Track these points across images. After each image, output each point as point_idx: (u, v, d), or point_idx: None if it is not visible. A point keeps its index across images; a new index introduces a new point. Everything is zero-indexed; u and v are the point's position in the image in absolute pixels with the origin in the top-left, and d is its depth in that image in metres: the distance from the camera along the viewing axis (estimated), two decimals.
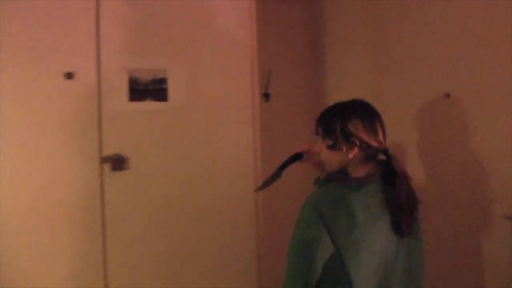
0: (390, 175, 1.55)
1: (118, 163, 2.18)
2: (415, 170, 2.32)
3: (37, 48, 2.13)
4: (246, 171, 2.40)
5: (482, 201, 2.05)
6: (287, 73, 2.99)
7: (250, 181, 2.44)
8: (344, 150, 1.59)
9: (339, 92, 2.89)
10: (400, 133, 2.39)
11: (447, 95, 2.19)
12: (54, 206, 2.14)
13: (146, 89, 2.24)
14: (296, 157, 1.84)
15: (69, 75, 2.16)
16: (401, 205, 1.56)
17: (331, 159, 1.62)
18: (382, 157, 1.59)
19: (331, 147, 1.61)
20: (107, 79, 2.20)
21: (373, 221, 1.53)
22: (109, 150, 2.19)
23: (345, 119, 1.58)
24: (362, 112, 1.61)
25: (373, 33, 2.60)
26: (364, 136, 1.57)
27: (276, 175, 1.85)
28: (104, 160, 2.18)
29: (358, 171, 1.61)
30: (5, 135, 2.08)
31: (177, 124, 2.33)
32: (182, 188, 2.35)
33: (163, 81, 2.26)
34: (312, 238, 1.49)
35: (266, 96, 2.88)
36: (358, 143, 1.57)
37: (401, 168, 1.57)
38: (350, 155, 1.58)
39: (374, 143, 1.57)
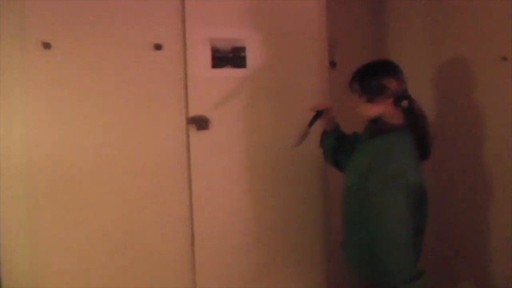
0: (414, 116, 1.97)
1: (201, 123, 2.47)
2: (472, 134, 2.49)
3: (130, 23, 2.42)
4: (317, 131, 2.62)
5: None
6: (353, 42, 3.17)
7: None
8: (380, 102, 1.95)
9: (400, 58, 3.05)
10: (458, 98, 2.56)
11: (504, 59, 2.33)
12: (147, 161, 2.45)
13: (227, 57, 2.50)
14: (319, 114, 2.17)
15: (158, 46, 2.45)
16: (427, 145, 1.97)
17: (369, 110, 1.92)
18: None
19: (369, 100, 1.94)
20: (191, 49, 2.47)
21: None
22: (194, 112, 2.47)
23: (380, 75, 1.96)
24: (392, 69, 2.00)
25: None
26: (396, 89, 1.94)
27: (306, 132, 2.17)
28: (190, 120, 2.47)
29: (394, 118, 2.00)
30: (102, 100, 2.39)
31: (254, 88, 2.57)
32: (258, 147, 2.60)
33: (242, 49, 2.51)
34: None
35: (333, 64, 3.08)
36: (392, 95, 1.95)
37: (422, 111, 1.98)
38: (385, 106, 1.98)
39: (403, 93, 1.97)
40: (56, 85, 2.35)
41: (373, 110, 2.02)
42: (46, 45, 2.34)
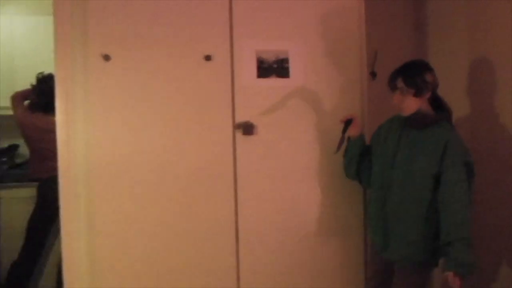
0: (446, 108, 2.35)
1: (247, 129, 2.64)
2: None
3: (182, 36, 2.63)
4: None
5: None
6: (392, 53, 3.29)
7: None
8: (423, 96, 2.27)
9: (440, 70, 3.15)
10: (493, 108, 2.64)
11: None
12: (197, 163, 2.64)
13: (271, 67, 2.66)
14: (348, 122, 2.49)
15: (208, 57, 2.64)
16: None
17: (414, 105, 2.28)
18: None
19: (415, 95, 2.25)
20: (238, 60, 2.66)
21: None
22: (240, 118, 2.65)
23: (422, 71, 2.27)
24: (429, 66, 2.33)
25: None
26: (433, 84, 2.28)
27: (342, 139, 2.57)
28: (236, 126, 2.64)
29: (430, 110, 2.31)
30: (156, 107, 2.60)
31: (296, 97, 2.73)
32: (301, 151, 2.76)
33: (285, 60, 2.67)
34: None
35: (373, 74, 3.21)
36: (430, 89, 2.27)
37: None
38: (424, 100, 2.30)
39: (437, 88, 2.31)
40: (114, 93, 2.58)
41: (417, 104, 2.31)
42: (106, 57, 2.57)
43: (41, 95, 3.82)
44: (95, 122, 2.58)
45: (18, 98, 3.89)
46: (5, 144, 4.34)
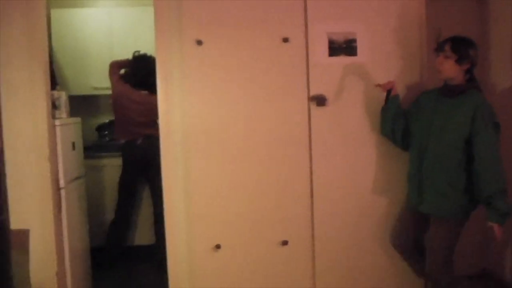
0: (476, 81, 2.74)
1: (320, 101, 3.03)
2: None
3: (263, 21, 3.05)
4: None
5: None
6: (455, 29, 3.55)
7: None
8: (462, 65, 2.65)
9: (502, 46, 3.39)
10: None
11: None
12: (277, 130, 3.09)
13: (341, 47, 3.04)
14: (389, 90, 2.90)
15: (285, 39, 3.05)
16: None
17: (451, 70, 2.66)
18: None
19: (457, 62, 2.63)
20: (312, 41, 3.05)
21: None
22: (314, 91, 3.05)
23: (469, 45, 2.66)
24: (475, 44, 2.69)
25: None
26: (474, 60, 2.66)
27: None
28: (311, 99, 3.05)
29: (461, 81, 2.71)
30: (241, 83, 3.05)
31: (363, 73, 3.08)
32: (367, 118, 3.14)
33: (353, 40, 3.04)
34: None
35: (437, 50, 3.48)
36: (469, 63, 2.65)
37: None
38: (461, 70, 2.67)
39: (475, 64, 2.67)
40: (206, 72, 3.05)
41: (455, 70, 2.69)
42: (199, 42, 3.04)
43: (134, 71, 4.37)
44: (190, 97, 3.07)
45: (115, 66, 4.43)
46: (106, 119, 4.94)
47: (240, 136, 3.05)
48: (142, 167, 4.44)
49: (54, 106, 3.33)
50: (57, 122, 3.32)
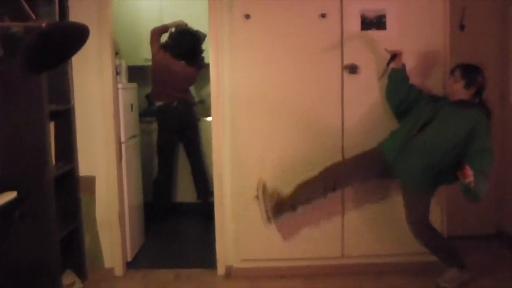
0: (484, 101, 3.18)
1: (353, 69, 3.44)
2: None
3: None
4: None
5: None
6: (479, 7, 3.93)
7: None
8: (470, 89, 3.11)
9: None
10: None
11: None
12: (314, 95, 3.51)
13: (372, 22, 3.43)
14: (393, 56, 3.23)
15: (323, 15, 3.45)
16: None
17: (460, 92, 3.13)
18: None
19: (465, 86, 3.10)
20: (346, 17, 3.44)
21: None
22: (347, 60, 3.47)
23: (477, 71, 3.12)
24: (482, 70, 3.12)
25: None
26: (480, 84, 3.12)
27: (386, 69, 3.29)
28: (344, 67, 3.46)
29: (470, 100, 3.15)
30: (284, 53, 3.47)
31: (391, 45, 3.45)
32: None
33: (383, 16, 3.43)
34: None
35: (461, 27, 3.86)
36: (476, 87, 3.09)
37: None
38: (469, 93, 3.11)
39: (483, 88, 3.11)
40: (252, 42, 3.48)
41: (463, 93, 3.15)
42: (247, 16, 3.46)
43: (176, 43, 4.81)
44: (237, 64, 3.50)
45: (156, 34, 4.84)
46: None
47: (281, 99, 3.46)
48: (177, 128, 4.90)
49: (116, 72, 3.80)
50: (119, 86, 3.81)
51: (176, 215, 5.17)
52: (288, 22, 3.46)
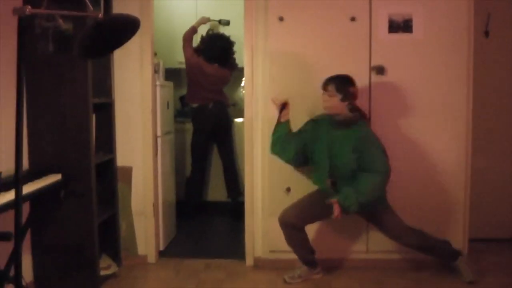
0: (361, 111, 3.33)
1: (380, 70, 3.60)
2: None
3: (334, 2, 3.64)
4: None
5: None
6: (504, 14, 4.04)
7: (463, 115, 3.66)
8: (345, 102, 3.19)
9: None
10: None
11: None
12: None
13: (399, 25, 3.59)
14: (284, 105, 3.41)
15: (353, 19, 3.63)
16: None
17: (337, 107, 3.22)
18: None
19: (342, 100, 3.19)
20: (375, 20, 3.61)
21: None
22: (375, 62, 3.63)
23: (351, 83, 3.24)
24: (354, 82, 3.25)
25: None
26: (356, 95, 3.23)
27: (279, 118, 3.47)
28: (372, 68, 3.62)
29: (348, 113, 3.25)
30: (314, 52, 3.66)
31: (416, 49, 3.62)
32: (417, 88, 3.67)
33: (410, 20, 3.58)
34: None
35: (486, 33, 3.99)
36: (350, 99, 3.18)
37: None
38: (346, 105, 3.22)
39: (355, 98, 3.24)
40: (285, 43, 3.68)
41: (340, 107, 3.23)
42: (281, 18, 3.66)
43: (208, 47, 5.02)
44: (270, 63, 3.69)
45: (188, 39, 5.03)
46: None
47: (313, 99, 3.58)
48: (211, 129, 5.10)
49: (154, 70, 4.02)
50: (157, 83, 4.03)
51: (206, 213, 5.36)
52: (319, 25, 3.65)
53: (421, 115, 3.68)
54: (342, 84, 3.21)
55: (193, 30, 5.06)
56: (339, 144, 3.25)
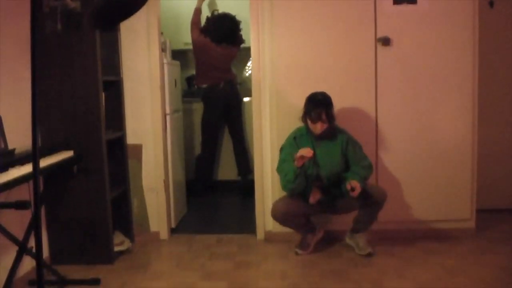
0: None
1: (385, 41, 3.62)
2: None
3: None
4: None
5: None
6: None
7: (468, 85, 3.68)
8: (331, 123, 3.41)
9: None
10: None
11: None
12: (348, 66, 3.71)
13: None
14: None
15: None
16: None
17: (325, 128, 3.37)
18: None
19: (332, 122, 3.41)
20: None
21: None
22: (380, 34, 3.65)
23: (332, 106, 3.42)
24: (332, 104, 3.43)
25: None
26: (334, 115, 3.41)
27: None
28: (378, 39, 3.64)
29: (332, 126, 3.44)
30: (320, 29, 3.67)
31: (421, 20, 3.63)
32: (423, 58, 3.68)
33: None
34: None
35: (490, 3, 4.00)
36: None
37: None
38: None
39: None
40: (292, 20, 3.70)
41: (327, 128, 3.38)
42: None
43: (215, 27, 5.01)
44: (278, 39, 3.72)
45: (195, 22, 5.05)
46: (193, 71, 5.68)
47: (319, 70, 3.66)
48: (223, 108, 5.14)
49: (161, 49, 4.05)
50: (164, 61, 4.06)
51: (217, 192, 5.43)
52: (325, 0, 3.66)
53: (427, 86, 3.70)
54: (330, 109, 3.35)
55: (198, 12, 5.08)
56: (326, 154, 3.39)
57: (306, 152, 3.21)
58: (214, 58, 5.02)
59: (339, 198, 3.46)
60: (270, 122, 3.82)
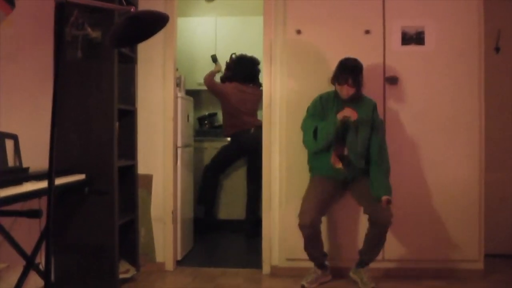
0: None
1: (393, 81, 3.72)
2: None
3: (349, 17, 3.80)
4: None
5: None
6: None
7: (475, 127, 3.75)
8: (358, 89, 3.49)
9: None
10: None
11: None
12: None
13: (411, 37, 3.73)
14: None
15: (367, 31, 3.77)
16: None
17: (352, 93, 3.46)
18: None
19: (356, 89, 3.45)
20: (388, 33, 3.76)
21: None
22: (389, 73, 3.76)
23: (361, 73, 3.48)
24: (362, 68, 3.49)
25: None
26: (362, 81, 3.54)
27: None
28: (386, 79, 3.74)
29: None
30: (331, 66, 3.72)
31: (428, 60, 3.74)
32: (429, 97, 3.77)
33: (422, 32, 3.72)
34: None
35: (496, 49, 4.11)
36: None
37: None
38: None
39: None
40: (303, 56, 3.83)
41: (353, 93, 3.44)
42: (298, 32, 3.82)
43: (240, 69, 5.15)
44: (289, 74, 3.84)
45: (211, 80, 5.14)
46: (206, 112, 5.82)
47: None
48: (248, 153, 5.18)
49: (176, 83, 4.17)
50: (178, 94, 4.18)
51: (222, 230, 5.47)
52: (336, 38, 3.80)
53: (434, 126, 3.77)
54: (357, 75, 3.40)
55: (212, 73, 5.16)
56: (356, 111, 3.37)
57: (349, 112, 3.30)
58: (245, 101, 5.08)
59: (357, 170, 3.49)
60: (280, 154, 3.90)
